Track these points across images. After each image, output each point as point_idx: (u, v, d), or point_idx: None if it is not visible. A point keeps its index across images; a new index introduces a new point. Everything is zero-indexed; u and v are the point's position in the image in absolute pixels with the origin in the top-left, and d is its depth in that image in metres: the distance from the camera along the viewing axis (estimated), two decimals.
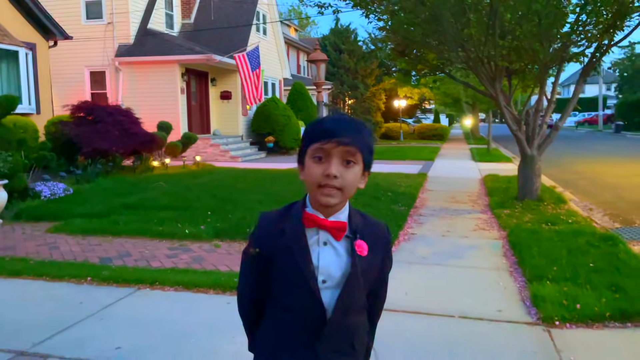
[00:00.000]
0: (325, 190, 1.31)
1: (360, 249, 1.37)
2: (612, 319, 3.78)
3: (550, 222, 7.01)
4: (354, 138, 1.31)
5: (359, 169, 1.34)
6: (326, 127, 1.32)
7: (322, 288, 1.35)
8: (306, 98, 23.96)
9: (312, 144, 1.32)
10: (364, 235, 1.39)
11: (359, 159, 1.33)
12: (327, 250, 1.36)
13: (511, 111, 8.75)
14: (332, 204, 1.33)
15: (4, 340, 3.36)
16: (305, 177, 1.35)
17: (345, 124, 1.33)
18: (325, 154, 1.31)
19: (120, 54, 17.60)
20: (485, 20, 7.60)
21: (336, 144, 1.29)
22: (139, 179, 10.20)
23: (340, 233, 1.36)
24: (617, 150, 22.07)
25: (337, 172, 1.30)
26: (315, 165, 1.32)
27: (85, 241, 6.13)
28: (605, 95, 52.32)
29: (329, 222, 1.35)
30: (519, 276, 4.83)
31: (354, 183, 1.34)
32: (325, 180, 1.30)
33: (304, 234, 1.36)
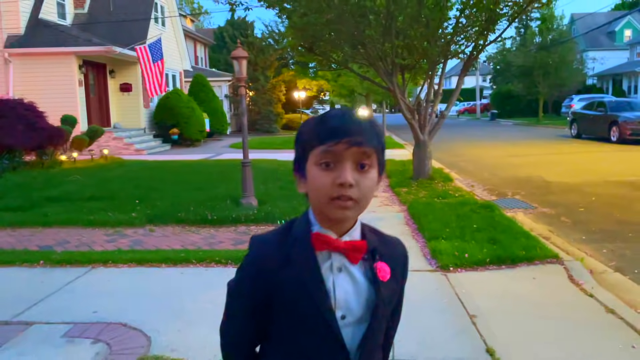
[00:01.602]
0: (339, 202, 1.06)
1: (382, 272, 1.14)
2: (491, 263, 4.91)
3: (441, 196, 8.25)
4: (367, 136, 1.08)
5: (375, 174, 1.11)
6: (333, 125, 1.08)
7: (342, 326, 1.11)
8: (208, 90, 24.07)
9: (316, 148, 1.08)
10: (383, 255, 1.16)
11: (375, 162, 1.10)
12: (343, 278, 1.12)
13: (406, 102, 9.94)
14: (350, 217, 1.11)
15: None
16: (309, 189, 1.11)
17: (354, 120, 1.09)
18: (334, 159, 1.06)
19: (10, 45, 16.67)
20: (383, 22, 8.63)
21: (348, 144, 1.06)
22: (50, 174, 10.10)
23: (357, 255, 1.12)
24: (492, 135, 24.77)
25: (353, 179, 1.06)
26: (323, 174, 1.07)
27: (17, 233, 6.28)
28: (482, 86, 57.40)
29: (344, 243, 1.11)
30: (420, 238, 5.88)
31: (371, 191, 1.11)
32: (339, 190, 1.06)
33: (317, 261, 1.12)
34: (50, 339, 3.34)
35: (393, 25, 8.71)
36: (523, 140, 20.91)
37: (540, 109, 35.59)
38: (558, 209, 7.87)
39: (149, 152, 17.77)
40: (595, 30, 35.93)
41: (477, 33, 9.22)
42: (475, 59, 9.96)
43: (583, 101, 28.62)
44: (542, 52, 33.58)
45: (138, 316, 3.61)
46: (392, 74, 9.60)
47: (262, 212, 6.84)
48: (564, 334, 3.50)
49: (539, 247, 5.20)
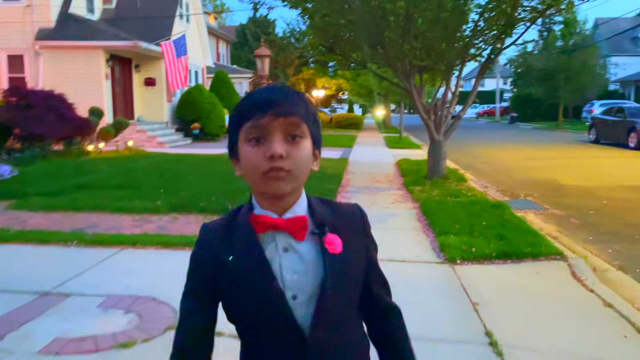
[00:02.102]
0: (271, 175, 1.03)
1: (331, 245, 1.09)
2: (497, 257, 5.14)
3: (454, 195, 8.47)
4: (294, 107, 1.05)
5: (308, 144, 1.08)
6: (257, 99, 1.05)
7: (295, 306, 1.08)
8: (229, 86, 24.50)
9: (244, 125, 1.05)
10: (335, 227, 1.12)
11: (306, 132, 1.07)
12: (290, 258, 1.08)
13: (422, 103, 10.16)
14: (285, 190, 1.05)
15: (26, 286, 4.06)
16: (243, 169, 1.08)
17: (279, 92, 1.07)
18: (263, 132, 1.03)
19: (41, 38, 17.24)
20: (402, 24, 8.87)
21: (274, 115, 1.03)
22: (79, 163, 10.55)
23: (302, 231, 1.08)
24: (510, 138, 24.78)
25: (283, 150, 1.03)
26: (253, 150, 1.04)
27: (50, 216, 6.68)
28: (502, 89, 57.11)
29: (282, 221, 1.07)
30: (430, 233, 6.13)
31: (306, 162, 1.08)
32: (270, 163, 1.02)
33: (258, 243, 1.08)
34: (87, 309, 3.68)
35: (412, 27, 8.94)
36: (541, 144, 20.93)
37: (560, 113, 35.35)
38: (569, 211, 8.04)
39: (171, 146, 18.22)
40: (618, 35, 35.53)
41: (494, 37, 9.40)
42: (493, 62, 10.14)
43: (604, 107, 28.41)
44: (564, 56, 33.37)
45: (166, 292, 3.93)
46: (409, 75, 9.83)
47: None
48: (560, 323, 3.73)
49: (545, 245, 5.41)
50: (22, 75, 17.62)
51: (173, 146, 18.32)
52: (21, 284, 4.13)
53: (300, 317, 1.09)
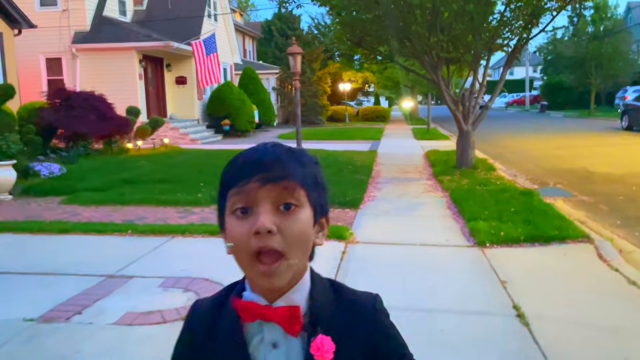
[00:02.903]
0: (261, 262, 0.84)
1: (319, 352, 0.86)
2: (525, 241, 5.37)
3: (483, 184, 8.67)
4: (286, 168, 0.86)
5: (307, 214, 0.87)
6: (243, 161, 0.88)
7: None
8: (257, 82, 24.96)
9: (229, 191, 0.87)
10: (334, 325, 0.89)
11: (304, 199, 0.87)
12: (277, 357, 0.89)
13: (450, 94, 10.35)
14: (280, 285, 0.86)
15: (92, 270, 4.51)
16: (231, 248, 0.87)
17: (270, 152, 0.88)
18: (249, 202, 0.84)
19: (77, 41, 17.95)
20: (428, 18, 9.08)
21: (262, 181, 0.84)
22: (120, 159, 11.10)
23: (295, 326, 0.86)
24: (540, 127, 24.58)
25: (271, 223, 0.83)
26: (238, 223, 0.85)
27: (100, 209, 7.17)
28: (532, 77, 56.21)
29: (274, 310, 0.86)
30: (460, 220, 6.38)
31: (304, 237, 0.86)
32: (256, 241, 0.83)
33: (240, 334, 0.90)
34: (149, 288, 4.09)
35: (438, 21, 9.14)
36: (571, 132, 20.75)
37: (592, 100, 34.75)
38: (597, 197, 8.16)
39: (203, 142, 18.76)
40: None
41: (521, 27, 9.53)
42: (520, 52, 10.25)
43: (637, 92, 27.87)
44: (595, 42, 32.78)
45: (217, 274, 4.31)
46: (436, 67, 10.03)
47: None
48: (584, 298, 3.98)
49: (572, 228, 5.62)
50: (61, 77, 18.39)
51: (205, 142, 18.86)
52: (88, 268, 4.58)
53: None
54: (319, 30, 33.74)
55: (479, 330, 3.37)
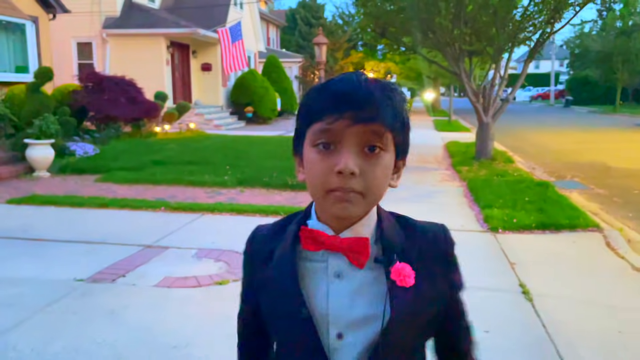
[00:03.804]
0: (337, 195, 0.83)
1: (400, 277, 0.86)
2: (536, 228, 5.62)
3: (500, 175, 8.88)
4: (379, 110, 0.82)
5: (390, 158, 0.86)
6: (333, 94, 0.83)
7: (339, 347, 0.88)
8: (280, 70, 25.26)
9: (313, 124, 0.84)
10: (408, 254, 0.89)
11: (390, 143, 0.85)
12: (342, 287, 0.88)
13: (471, 86, 10.53)
14: (354, 215, 0.86)
15: (131, 240, 4.91)
16: (305, 177, 0.89)
17: (363, 88, 0.82)
18: (333, 139, 0.82)
19: (108, 26, 18.45)
20: (452, 10, 9.27)
21: (351, 120, 0.81)
22: (149, 142, 11.56)
23: (361, 257, 0.86)
24: (563, 122, 24.46)
25: (355, 166, 0.81)
26: (319, 158, 0.84)
27: (134, 188, 7.60)
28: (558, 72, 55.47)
29: (341, 241, 0.87)
30: (475, 207, 6.64)
31: (383, 182, 0.86)
32: (337, 181, 0.82)
33: (294, 263, 0.90)
34: (184, 257, 4.47)
35: (462, 13, 9.32)
36: (594, 128, 20.67)
37: (617, 96, 34.28)
38: (613, 190, 8.32)
39: (226, 128, 19.18)
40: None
41: (544, 21, 9.64)
42: (542, 47, 10.37)
43: None
44: (622, 37, 32.27)
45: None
46: (459, 59, 10.22)
47: None
48: (587, 280, 4.24)
49: (582, 218, 5.85)
50: (91, 61, 18.94)
51: (228, 129, 19.27)
52: (126, 239, 4.99)
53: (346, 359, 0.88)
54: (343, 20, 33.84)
55: (485, 303, 3.67)
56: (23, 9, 13.11)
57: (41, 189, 7.32)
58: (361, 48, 36.87)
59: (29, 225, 5.46)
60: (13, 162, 8.62)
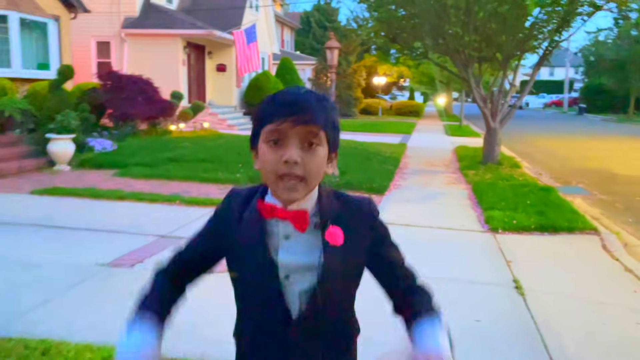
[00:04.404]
0: (285, 182, 1.09)
1: (332, 237, 1.15)
2: (536, 230, 5.83)
3: (505, 179, 9.08)
4: (315, 115, 1.09)
5: (323, 152, 1.12)
6: (281, 103, 1.10)
7: (286, 284, 1.15)
8: (293, 73, 25.60)
9: (266, 125, 1.10)
10: (340, 220, 1.17)
11: (323, 139, 1.11)
12: (289, 244, 1.16)
13: (480, 92, 10.74)
14: (297, 198, 1.12)
15: (148, 231, 5.20)
16: (259, 165, 1.14)
17: (303, 98, 1.10)
18: (281, 136, 1.08)
19: (126, 26, 18.86)
20: (462, 18, 9.49)
21: (294, 123, 1.07)
22: (164, 140, 11.89)
23: (302, 224, 1.13)
24: (575, 129, 24.49)
25: (298, 156, 1.07)
26: (270, 151, 1.09)
27: (150, 182, 7.91)
28: (573, 79, 55.19)
29: (285, 213, 1.13)
30: (478, 209, 6.86)
31: (319, 169, 1.12)
32: (284, 168, 1.08)
33: (260, 224, 1.16)
34: None
35: (472, 21, 9.54)
36: (605, 136, 20.72)
37: (631, 105, 34.17)
38: (616, 196, 8.49)
39: (239, 128, 19.50)
40: None
41: (552, 30, 9.83)
42: (550, 55, 10.55)
43: None
44: (637, 45, 32.19)
45: None
46: (468, 65, 10.43)
47: (343, 179, 8.06)
48: (579, 278, 4.45)
49: (581, 221, 6.05)
50: (109, 60, 19.37)
51: (241, 129, 19.59)
52: (143, 229, 5.28)
53: (291, 296, 1.15)
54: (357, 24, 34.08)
55: (479, 295, 3.91)
56: (46, 8, 13.55)
57: (62, 182, 7.66)
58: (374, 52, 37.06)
59: (52, 215, 5.78)
60: (35, 155, 8.99)
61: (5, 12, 12.05)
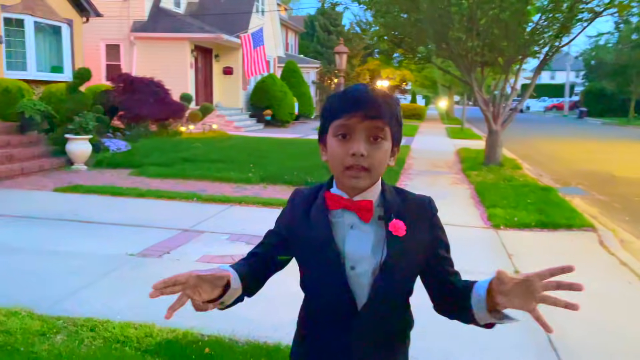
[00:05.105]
0: (351, 172, 1.17)
1: (395, 228, 1.21)
2: (535, 226, 6.15)
3: (507, 179, 9.39)
4: (381, 111, 1.17)
5: (388, 146, 1.20)
6: (349, 99, 1.18)
7: (352, 275, 1.21)
8: (298, 76, 25.95)
9: (335, 120, 1.18)
10: (402, 214, 1.23)
11: (388, 134, 1.19)
12: (354, 234, 1.22)
13: (482, 95, 11.06)
14: (362, 187, 1.20)
15: (170, 225, 5.53)
16: (328, 158, 1.23)
17: (370, 95, 1.18)
18: (349, 131, 1.17)
19: (136, 30, 19.26)
20: (466, 24, 9.82)
21: (361, 118, 1.15)
22: (175, 141, 12.24)
23: (367, 214, 1.22)
24: (575, 133, 24.78)
25: (364, 150, 1.16)
26: (338, 144, 1.18)
27: (165, 181, 8.24)
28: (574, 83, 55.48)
29: (351, 202, 1.22)
30: (480, 207, 7.18)
31: (383, 162, 1.20)
32: (351, 160, 1.16)
33: (327, 217, 1.24)
34: (219, 240, 5.08)
35: (474, 27, 9.87)
36: (606, 139, 21.00)
37: (631, 108, 34.45)
38: (614, 197, 8.79)
39: (246, 130, 19.86)
40: None
41: (552, 36, 10.15)
42: (550, 59, 10.87)
43: None
44: (638, 50, 32.46)
45: None
46: (471, 69, 10.75)
47: None
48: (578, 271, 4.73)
49: (579, 218, 6.36)
50: (118, 62, 19.76)
51: (248, 130, 19.95)
52: (166, 223, 5.61)
53: (357, 287, 1.21)
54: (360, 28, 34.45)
55: None
56: (60, 13, 13.92)
57: (82, 180, 7.99)
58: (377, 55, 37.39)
59: (77, 210, 6.11)
60: (53, 155, 9.33)
61: (21, 16, 12.41)
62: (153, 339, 3.00)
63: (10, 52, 12.12)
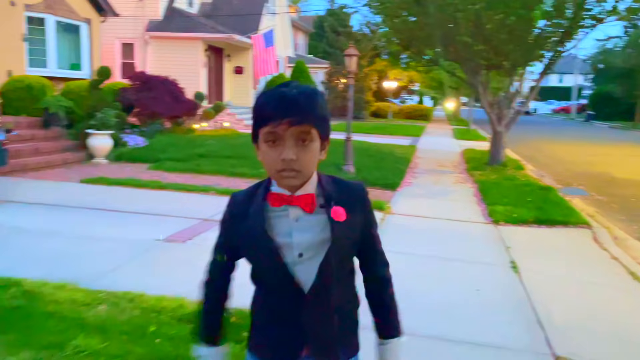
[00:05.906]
0: (284, 173, 1.25)
1: (336, 214, 1.31)
2: (534, 223, 6.51)
3: (509, 179, 9.75)
4: (305, 115, 1.22)
5: (316, 145, 1.27)
6: (275, 107, 1.22)
7: (300, 262, 1.32)
8: (307, 76, 26.30)
9: (263, 127, 1.24)
10: (340, 201, 1.33)
11: (315, 135, 1.25)
12: (300, 225, 1.31)
13: (487, 97, 11.41)
14: (295, 185, 1.28)
15: (190, 214, 5.93)
16: (262, 160, 1.29)
17: (295, 101, 1.22)
18: (277, 137, 1.22)
19: (150, 29, 19.71)
20: (472, 28, 10.17)
21: (288, 124, 1.21)
22: (189, 137, 12.66)
23: (310, 206, 1.30)
24: (581, 135, 25.02)
25: (294, 154, 1.23)
26: (269, 150, 1.24)
27: (182, 176, 8.65)
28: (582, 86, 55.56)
29: (294, 198, 1.30)
30: (482, 204, 7.54)
31: (313, 160, 1.27)
32: (282, 164, 1.23)
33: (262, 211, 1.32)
34: None
35: (481, 31, 10.21)
36: (611, 142, 21.25)
37: (638, 112, 34.59)
38: (612, 198, 9.12)
39: None
40: None
41: (556, 41, 10.48)
42: (554, 64, 11.20)
43: None
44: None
45: None
46: (477, 72, 11.10)
47: (359, 177, 8.77)
48: (570, 263, 5.12)
49: (575, 216, 6.72)
50: (132, 61, 20.23)
51: None
52: (186, 213, 6.02)
53: (304, 273, 1.32)
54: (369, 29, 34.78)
55: (480, 272, 4.60)
56: (79, 12, 14.39)
57: (104, 173, 8.42)
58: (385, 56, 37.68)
59: (104, 200, 6.53)
60: (75, 149, 9.77)
61: (42, 15, 12.88)
62: (185, 309, 3.39)
63: (32, 49, 12.59)
